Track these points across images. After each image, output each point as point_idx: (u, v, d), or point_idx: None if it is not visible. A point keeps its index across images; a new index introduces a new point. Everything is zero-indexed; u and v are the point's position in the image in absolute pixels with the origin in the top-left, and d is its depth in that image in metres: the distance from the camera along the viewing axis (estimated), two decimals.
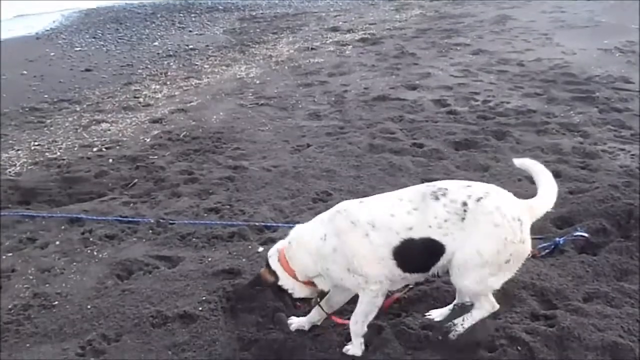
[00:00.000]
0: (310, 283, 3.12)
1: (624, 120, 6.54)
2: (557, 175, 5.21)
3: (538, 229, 4.29)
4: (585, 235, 4.05)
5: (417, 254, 2.83)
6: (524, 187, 5.02)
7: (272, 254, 3.17)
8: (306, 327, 3.32)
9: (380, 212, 2.85)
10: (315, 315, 3.31)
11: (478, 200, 2.76)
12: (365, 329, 3.09)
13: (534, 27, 11.83)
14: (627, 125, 6.39)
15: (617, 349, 3.06)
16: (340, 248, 2.87)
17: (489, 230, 2.74)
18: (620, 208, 4.32)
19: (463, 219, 2.74)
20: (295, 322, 3.35)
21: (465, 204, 2.75)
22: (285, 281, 3.11)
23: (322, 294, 3.21)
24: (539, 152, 5.78)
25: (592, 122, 6.53)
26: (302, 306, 3.29)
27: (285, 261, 3.08)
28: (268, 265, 3.16)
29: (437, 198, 2.78)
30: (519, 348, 3.06)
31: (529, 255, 2.96)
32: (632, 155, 5.64)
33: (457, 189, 2.82)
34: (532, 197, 4.71)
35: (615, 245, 4.00)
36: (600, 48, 9.79)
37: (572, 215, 4.42)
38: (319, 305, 3.23)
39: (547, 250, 3.90)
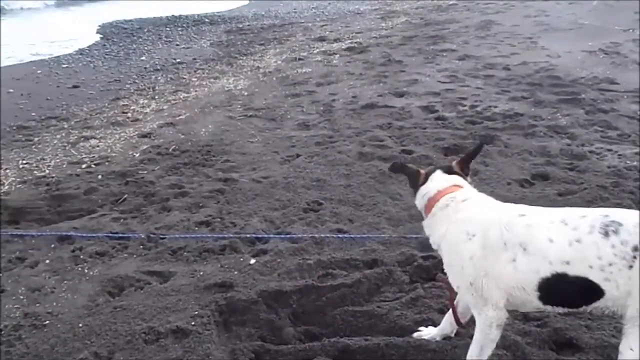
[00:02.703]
0: None
1: (610, 121, 6.60)
2: (545, 177, 5.32)
3: None
4: None
5: (567, 292, 2.45)
6: (514, 190, 5.06)
7: (442, 180, 2.83)
8: (437, 338, 3.18)
9: (538, 234, 2.46)
10: (446, 327, 3.18)
11: None
12: None
13: (518, 31, 11.96)
14: (613, 126, 6.45)
15: (609, 349, 3.08)
16: (479, 261, 2.57)
17: None
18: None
19: (631, 266, 2.28)
20: (425, 333, 3.25)
21: (636, 249, 2.27)
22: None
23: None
24: (527, 155, 5.82)
25: (579, 124, 6.59)
26: None
27: (431, 205, 2.80)
28: (427, 176, 2.88)
29: (606, 234, 2.31)
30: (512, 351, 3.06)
31: None
32: (620, 155, 5.70)
33: (634, 225, 2.31)
34: (521, 201, 4.75)
35: None
36: (585, 50, 9.92)
37: None
38: (454, 313, 3.01)
39: None
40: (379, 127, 6.95)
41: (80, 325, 3.57)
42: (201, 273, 4.06)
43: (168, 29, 16.03)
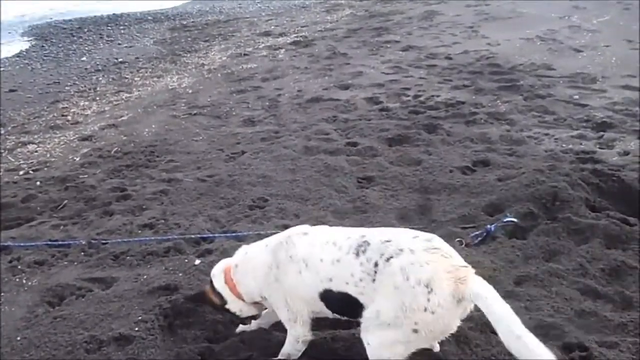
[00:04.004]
0: (256, 303, 3.12)
1: (547, 106, 6.80)
2: (486, 163, 5.44)
3: (470, 218, 4.44)
4: (515, 220, 4.16)
5: (339, 304, 2.75)
6: (455, 178, 5.15)
7: (217, 274, 3.13)
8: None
9: (314, 252, 2.77)
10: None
11: (388, 260, 2.52)
12: None
13: (460, 21, 12.14)
14: (550, 111, 6.64)
15: (548, 328, 3.17)
16: (281, 279, 2.88)
17: (389, 292, 2.50)
18: (546, 191, 4.47)
19: (374, 280, 2.56)
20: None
21: (376, 264, 2.55)
22: (232, 304, 3.12)
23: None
24: (468, 142, 5.94)
25: (518, 110, 6.76)
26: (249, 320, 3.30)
27: (232, 284, 3.06)
28: (212, 286, 3.13)
29: (357, 254, 2.62)
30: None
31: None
32: (556, 139, 5.88)
33: (377, 244, 2.60)
34: (471, 195, 4.82)
35: (542, 227, 4.15)
36: (523, 38, 10.15)
37: (501, 202, 4.55)
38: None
39: (479, 238, 3.98)
40: (324, 121, 6.96)
41: (19, 338, 3.47)
42: (145, 277, 3.98)
43: (109, 27, 15.60)
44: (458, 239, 3.96)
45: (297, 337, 2.97)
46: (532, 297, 3.44)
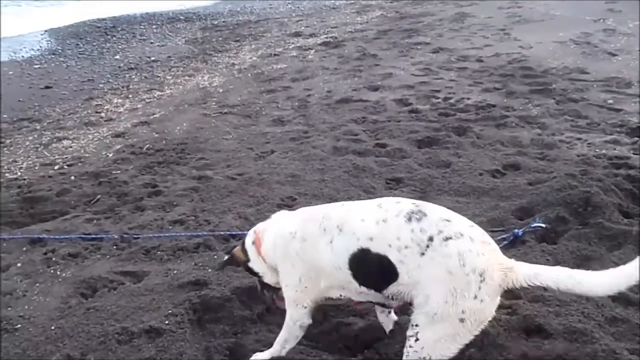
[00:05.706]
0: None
1: (580, 110, 6.69)
2: (516, 167, 5.39)
3: (500, 222, 4.40)
4: (543, 225, 4.12)
5: (370, 269, 2.63)
6: (485, 181, 5.12)
7: (250, 232, 3.18)
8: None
9: (353, 216, 2.71)
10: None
11: (446, 239, 2.47)
12: (283, 354, 3.07)
13: (491, 23, 12.01)
14: (583, 115, 6.54)
15: (578, 334, 3.14)
16: (304, 253, 2.81)
17: (440, 275, 2.47)
18: (577, 196, 4.40)
19: (422, 254, 2.49)
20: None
21: (431, 238, 2.49)
22: (255, 263, 3.12)
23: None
24: (499, 145, 5.89)
25: (550, 114, 6.67)
26: (274, 297, 3.26)
27: (259, 243, 3.07)
28: (243, 244, 3.18)
29: (409, 219, 2.54)
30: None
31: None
32: (589, 144, 5.78)
33: (436, 220, 2.54)
34: (501, 198, 4.78)
35: (573, 232, 4.09)
36: (556, 41, 9.99)
37: (532, 206, 4.51)
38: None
39: (506, 242, 3.96)
40: (353, 122, 6.97)
41: (53, 327, 3.56)
42: (175, 272, 4.05)
43: (142, 27, 15.86)
44: None
45: (296, 320, 2.96)
46: (562, 302, 3.40)
